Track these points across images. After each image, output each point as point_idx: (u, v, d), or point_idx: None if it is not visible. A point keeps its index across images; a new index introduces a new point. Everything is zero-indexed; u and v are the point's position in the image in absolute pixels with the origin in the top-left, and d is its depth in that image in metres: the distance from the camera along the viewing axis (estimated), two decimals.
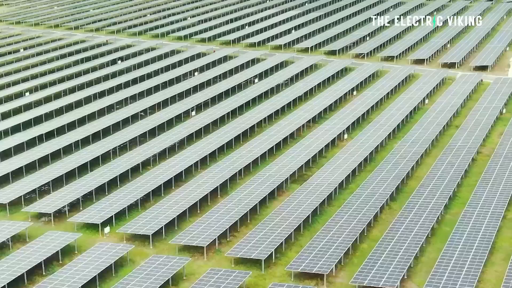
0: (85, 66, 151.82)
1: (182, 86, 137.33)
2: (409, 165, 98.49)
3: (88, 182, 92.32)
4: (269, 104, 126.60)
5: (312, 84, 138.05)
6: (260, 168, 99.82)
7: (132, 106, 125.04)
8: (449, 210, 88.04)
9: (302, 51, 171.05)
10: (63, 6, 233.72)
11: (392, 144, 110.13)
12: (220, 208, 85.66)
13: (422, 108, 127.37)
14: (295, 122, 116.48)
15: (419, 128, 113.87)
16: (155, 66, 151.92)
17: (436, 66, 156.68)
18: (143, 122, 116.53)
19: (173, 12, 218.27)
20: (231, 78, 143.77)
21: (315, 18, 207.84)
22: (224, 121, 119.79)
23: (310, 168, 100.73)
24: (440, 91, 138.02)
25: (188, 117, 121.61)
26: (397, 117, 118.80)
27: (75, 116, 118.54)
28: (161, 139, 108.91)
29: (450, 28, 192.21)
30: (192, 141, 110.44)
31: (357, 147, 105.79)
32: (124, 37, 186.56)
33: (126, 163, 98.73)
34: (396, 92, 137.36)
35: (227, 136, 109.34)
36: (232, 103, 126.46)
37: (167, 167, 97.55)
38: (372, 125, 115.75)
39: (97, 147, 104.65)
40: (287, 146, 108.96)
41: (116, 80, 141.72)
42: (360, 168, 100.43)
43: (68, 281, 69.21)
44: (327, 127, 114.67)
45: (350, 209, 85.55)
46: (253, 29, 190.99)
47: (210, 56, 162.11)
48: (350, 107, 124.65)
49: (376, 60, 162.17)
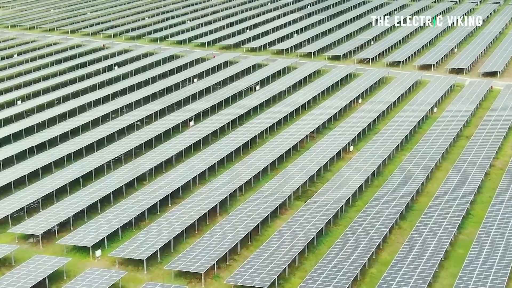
0: (80, 72, 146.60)
1: (180, 93, 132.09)
2: (419, 180, 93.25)
3: (80, 200, 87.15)
4: (271, 113, 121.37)
5: (316, 92, 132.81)
6: (262, 183, 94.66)
7: (128, 116, 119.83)
8: (463, 230, 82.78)
9: (305, 56, 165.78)
10: (60, 9, 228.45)
11: (400, 156, 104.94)
12: (219, 228, 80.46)
13: (431, 117, 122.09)
14: (298, 132, 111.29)
15: (428, 139, 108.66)
16: (153, 72, 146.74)
17: (443, 72, 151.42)
18: (139, 133, 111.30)
19: (172, 15, 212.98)
20: (231, 85, 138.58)
21: (317, 22, 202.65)
22: (224, 131, 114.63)
23: (314, 183, 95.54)
24: (448, 98, 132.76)
25: (187, 127, 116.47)
26: (405, 127, 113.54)
27: (68, 126, 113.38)
28: (158, 151, 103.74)
29: (456, 32, 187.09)
30: (190, 153, 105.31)
31: (363, 160, 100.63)
32: (121, 41, 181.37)
33: (120, 178, 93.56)
34: (403, 99, 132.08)
35: (227, 148, 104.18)
36: (232, 112, 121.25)
37: (163, 183, 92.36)
38: (379, 136, 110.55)
39: (90, 161, 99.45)
40: (290, 159, 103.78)
41: (112, 87, 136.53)
42: (367, 183, 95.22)
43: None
44: (331, 138, 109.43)
45: (357, 229, 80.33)
46: (254, 33, 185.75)
47: (209, 62, 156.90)
48: (356, 117, 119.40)
49: (381, 65, 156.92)
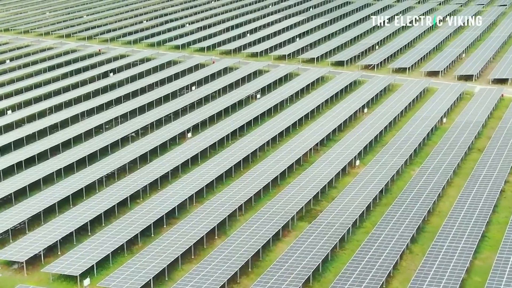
0: (74, 80, 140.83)
1: (178, 102, 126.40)
2: (430, 198, 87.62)
3: (69, 221, 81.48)
4: (272, 123, 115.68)
5: (319, 101, 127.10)
6: (263, 202, 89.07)
7: (122, 126, 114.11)
8: (479, 254, 77.10)
9: (308, 61, 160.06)
10: (56, 11, 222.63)
11: (409, 171, 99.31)
12: (217, 254, 74.82)
13: (440, 128, 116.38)
14: (301, 145, 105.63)
15: (439, 153, 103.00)
16: (150, 80, 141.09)
17: (452, 78, 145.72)
18: (134, 146, 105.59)
19: (171, 19, 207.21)
20: (231, 93, 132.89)
21: (320, 25, 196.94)
22: (223, 144, 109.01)
23: (319, 202, 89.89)
24: (458, 107, 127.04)
25: (184, 139, 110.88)
26: (413, 139, 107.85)
27: (59, 138, 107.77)
28: (153, 166, 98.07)
29: (463, 36, 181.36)
30: (188, 168, 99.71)
31: (371, 176, 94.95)
32: (118, 46, 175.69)
33: (113, 196, 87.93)
34: (410, 109, 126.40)
35: (226, 162, 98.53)
36: (232, 122, 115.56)
37: (158, 202, 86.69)
38: (387, 149, 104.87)
39: (81, 177, 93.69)
40: (293, 174, 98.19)
41: (106, 95, 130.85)
42: (375, 201, 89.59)
43: None
44: (337, 151, 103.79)
45: (366, 254, 74.69)
46: (255, 37, 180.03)
47: (209, 68, 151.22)
48: (361, 128, 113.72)
49: (387, 71, 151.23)
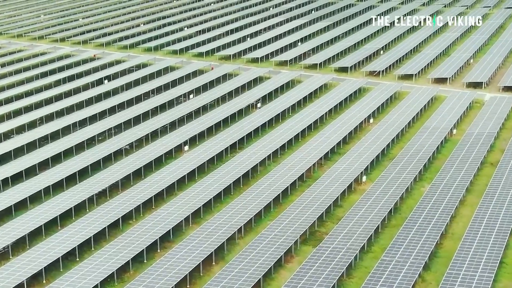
0: (67, 87, 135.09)
1: (174, 112, 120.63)
2: (443, 220, 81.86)
3: (56, 245, 75.51)
4: (273, 135, 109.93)
5: (323, 110, 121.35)
6: (264, 223, 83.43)
7: (116, 139, 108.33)
8: (497, 283, 71.37)
9: (310, 67, 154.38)
10: (51, 14, 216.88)
11: (419, 188, 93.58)
12: (215, 284, 69.09)
13: (450, 140, 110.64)
14: (304, 159, 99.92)
15: (450, 167, 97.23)
16: (146, 87, 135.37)
17: (460, 85, 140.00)
18: (128, 160, 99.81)
19: (169, 22, 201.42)
20: (230, 102, 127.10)
21: (322, 29, 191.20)
22: (222, 158, 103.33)
23: (324, 223, 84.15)
24: (468, 117, 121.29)
25: (181, 153, 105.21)
26: (423, 153, 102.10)
27: (49, 152, 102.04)
28: (148, 183, 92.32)
29: (470, 41, 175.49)
30: (184, 184, 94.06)
31: (378, 194, 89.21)
32: (113, 51, 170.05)
33: (104, 217, 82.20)
34: (418, 119, 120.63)
35: (225, 179, 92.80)
36: (231, 134, 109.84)
37: (152, 223, 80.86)
38: (395, 164, 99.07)
39: (70, 195, 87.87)
40: (295, 191, 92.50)
41: (100, 104, 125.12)
42: (384, 222, 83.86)
43: None
44: (342, 166, 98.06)
45: (376, 284, 68.91)
46: (256, 41, 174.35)
47: (207, 75, 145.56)
48: (368, 140, 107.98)
49: (393, 78, 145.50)
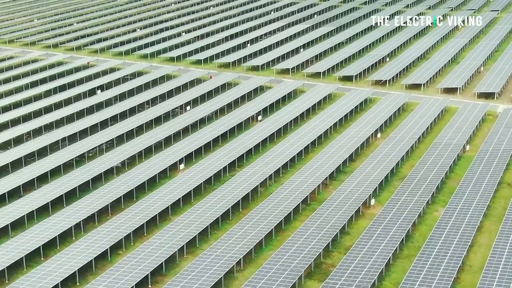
0: (58, 98, 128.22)
1: (170, 126, 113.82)
2: (461, 250, 75.05)
3: (38, 281, 69.00)
4: (275, 152, 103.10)
5: (327, 124, 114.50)
6: (266, 253, 76.72)
7: (107, 156, 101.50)
8: None
9: (313, 76, 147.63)
10: (45, 18, 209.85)
11: (432, 212, 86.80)
12: None
13: (463, 157, 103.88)
14: (308, 179, 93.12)
15: (465, 189, 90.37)
16: (141, 98, 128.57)
17: (471, 96, 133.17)
18: (119, 181, 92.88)
19: (166, 27, 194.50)
20: (230, 114, 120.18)
21: (325, 34, 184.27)
22: (220, 178, 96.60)
23: (330, 254, 77.32)
24: (481, 131, 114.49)
25: (176, 172, 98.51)
26: (435, 173, 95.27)
27: (34, 172, 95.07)
28: (140, 207, 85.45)
29: (479, 47, 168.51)
30: (179, 209, 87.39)
31: (389, 219, 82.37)
32: (108, 58, 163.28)
33: (91, 247, 75.35)
34: (429, 133, 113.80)
35: (223, 203, 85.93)
36: (230, 151, 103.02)
37: (143, 255, 74.02)
38: (405, 185, 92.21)
39: (55, 222, 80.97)
40: (299, 216, 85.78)
41: (92, 117, 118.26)
42: (396, 253, 77.05)
43: None
44: (348, 188, 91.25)
45: None
46: (256, 47, 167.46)
47: (206, 84, 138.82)
48: (375, 157, 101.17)
49: (400, 88, 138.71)
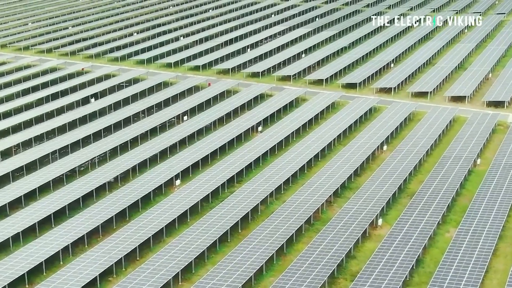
0: (50, 107, 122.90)
1: (166, 138, 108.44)
2: (476, 277, 69.80)
3: None
4: (276, 166, 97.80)
5: (331, 135, 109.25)
6: (266, 281, 71.49)
7: (99, 171, 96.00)
8: None
9: (315, 83, 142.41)
10: (40, 22, 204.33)
11: (443, 233, 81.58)
12: None
13: (474, 172, 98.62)
14: (312, 197, 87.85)
15: (477, 209, 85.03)
16: (136, 107, 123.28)
17: (480, 105, 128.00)
18: (111, 199, 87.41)
19: (164, 30, 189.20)
20: (229, 125, 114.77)
21: (327, 39, 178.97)
22: (218, 195, 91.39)
23: (336, 281, 71.98)
24: (492, 144, 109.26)
25: (172, 188, 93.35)
26: (445, 189, 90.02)
27: (22, 189, 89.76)
28: (132, 227, 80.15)
29: (486, 52, 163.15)
30: (174, 230, 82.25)
31: (397, 243, 77.08)
32: (103, 63, 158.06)
33: (79, 275, 70.19)
34: (437, 146, 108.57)
35: (221, 224, 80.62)
36: (229, 166, 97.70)
37: (135, 283, 68.90)
38: (414, 203, 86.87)
39: (41, 247, 75.74)
40: (302, 238, 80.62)
41: (84, 128, 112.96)
42: (406, 280, 71.80)
43: None
44: (354, 206, 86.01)
45: None
46: (256, 53, 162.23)
47: (204, 92, 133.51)
48: (382, 172, 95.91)
49: (406, 96, 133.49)
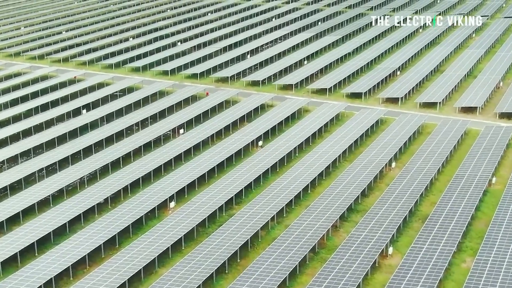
0: (39, 119, 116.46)
1: (161, 154, 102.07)
2: None
3: None
4: (278, 186, 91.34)
5: (336, 151, 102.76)
6: None
7: (89, 192, 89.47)
8: None
9: (319, 92, 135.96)
10: (33, 26, 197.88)
11: (459, 263, 75.25)
12: None
13: (490, 192, 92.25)
14: (317, 222, 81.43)
15: (496, 235, 78.62)
16: (130, 119, 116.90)
17: (492, 116, 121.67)
18: (100, 224, 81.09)
19: (161, 35, 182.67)
20: (228, 140, 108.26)
21: (330, 44, 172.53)
22: (215, 219, 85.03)
23: None
24: (507, 160, 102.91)
25: (166, 212, 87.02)
26: (460, 213, 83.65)
27: (6, 212, 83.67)
28: (122, 257, 73.85)
29: (496, 58, 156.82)
30: (168, 259, 75.92)
31: (411, 275, 70.79)
32: (97, 71, 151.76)
33: None
34: (449, 162, 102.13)
35: (218, 253, 74.31)
36: (227, 185, 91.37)
37: None
38: (426, 228, 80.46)
39: (25, 278, 69.67)
40: (306, 269, 74.25)
41: (74, 143, 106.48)
42: None
43: None
44: (363, 232, 79.58)
45: None
46: (257, 59, 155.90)
47: (202, 102, 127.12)
48: (391, 193, 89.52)
49: (414, 107, 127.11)
